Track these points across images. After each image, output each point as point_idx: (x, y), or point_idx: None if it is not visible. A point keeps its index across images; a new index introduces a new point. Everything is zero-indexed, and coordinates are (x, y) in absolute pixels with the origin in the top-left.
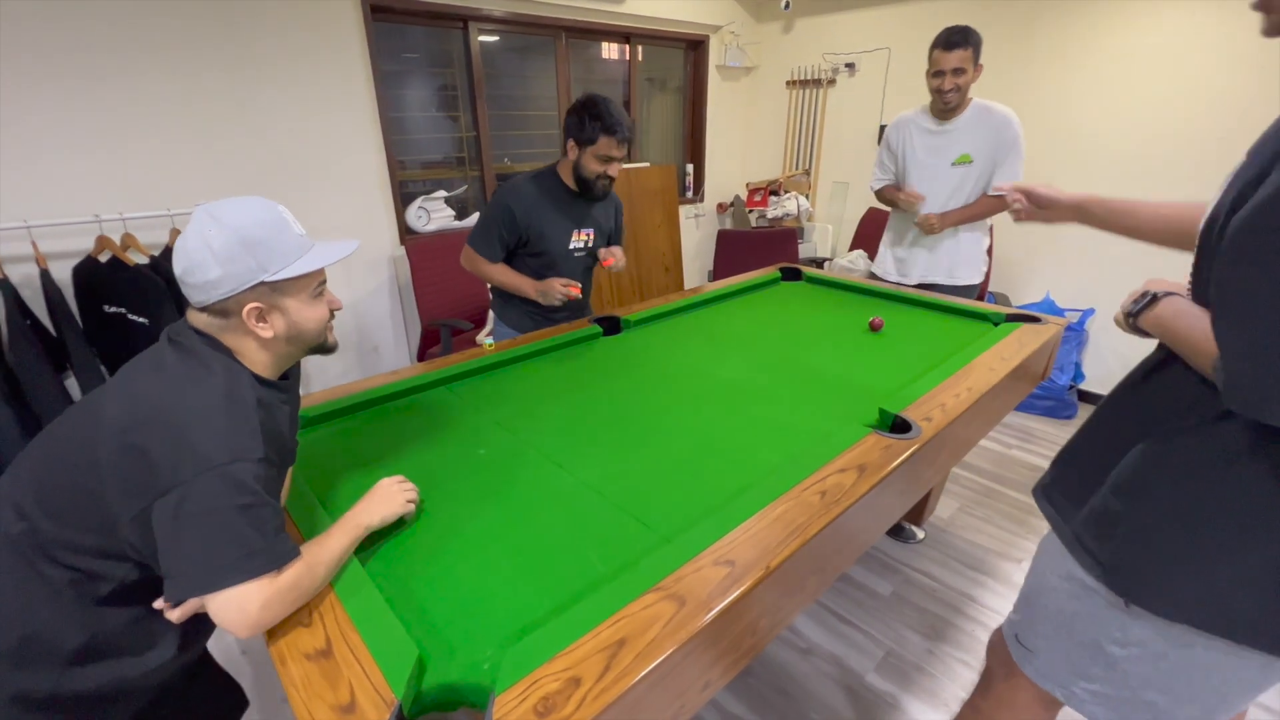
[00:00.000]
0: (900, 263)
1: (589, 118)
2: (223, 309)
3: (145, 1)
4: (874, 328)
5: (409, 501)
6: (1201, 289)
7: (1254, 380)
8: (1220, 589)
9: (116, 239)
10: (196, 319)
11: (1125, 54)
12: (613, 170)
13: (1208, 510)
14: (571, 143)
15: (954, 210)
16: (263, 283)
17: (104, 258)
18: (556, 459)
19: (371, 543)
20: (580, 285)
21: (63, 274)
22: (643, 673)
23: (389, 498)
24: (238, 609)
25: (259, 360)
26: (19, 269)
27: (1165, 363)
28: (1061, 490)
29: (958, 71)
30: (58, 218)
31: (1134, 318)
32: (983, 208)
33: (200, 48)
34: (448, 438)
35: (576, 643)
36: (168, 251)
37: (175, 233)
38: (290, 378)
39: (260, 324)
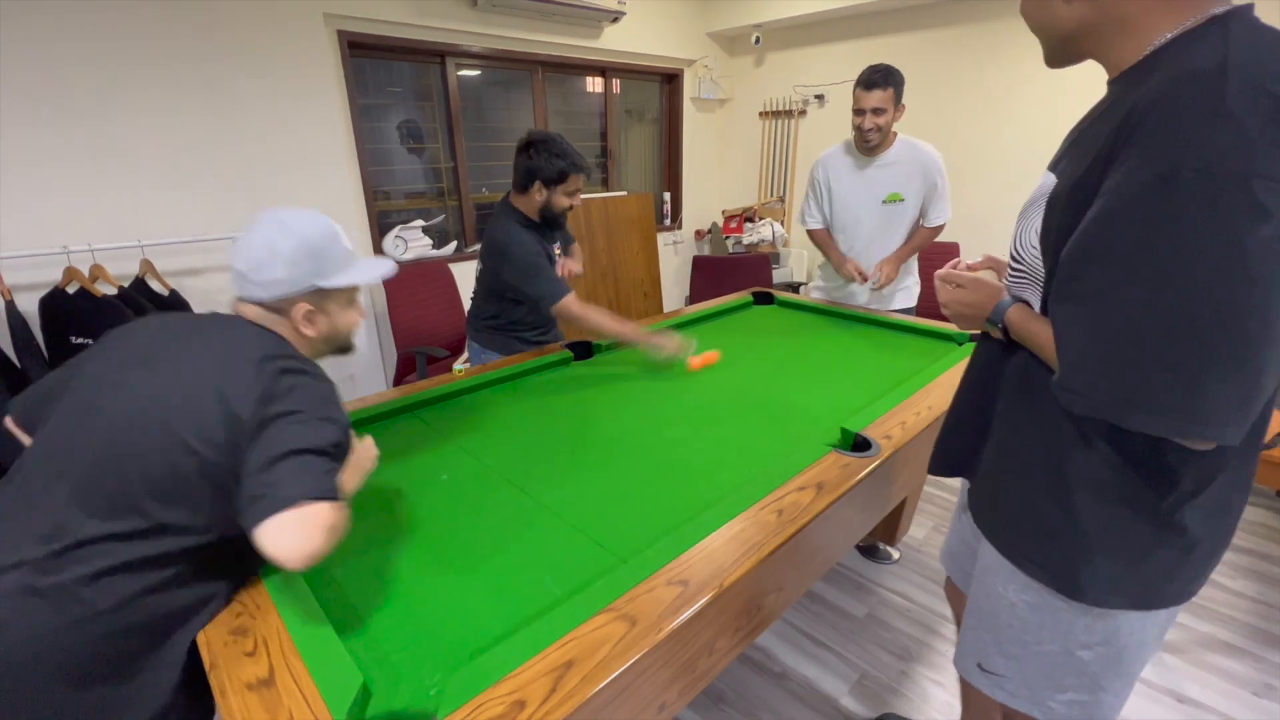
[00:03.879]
0: (835, 294)
1: (553, 157)
2: (278, 306)
3: (118, 32)
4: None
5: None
6: (1049, 258)
7: (1098, 380)
8: (1142, 567)
9: (85, 270)
10: (246, 310)
11: (1085, 86)
12: (577, 201)
13: (1117, 495)
14: (539, 184)
15: (898, 251)
16: (317, 288)
17: (72, 289)
18: (518, 483)
19: (324, 569)
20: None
21: (29, 306)
22: (590, 694)
23: (365, 450)
24: (314, 524)
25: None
26: None
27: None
28: (982, 505)
29: (877, 111)
30: (25, 249)
31: (999, 325)
32: (920, 240)
33: (175, 82)
34: (411, 464)
35: (524, 665)
36: (139, 282)
37: (146, 263)
38: None
39: (306, 323)
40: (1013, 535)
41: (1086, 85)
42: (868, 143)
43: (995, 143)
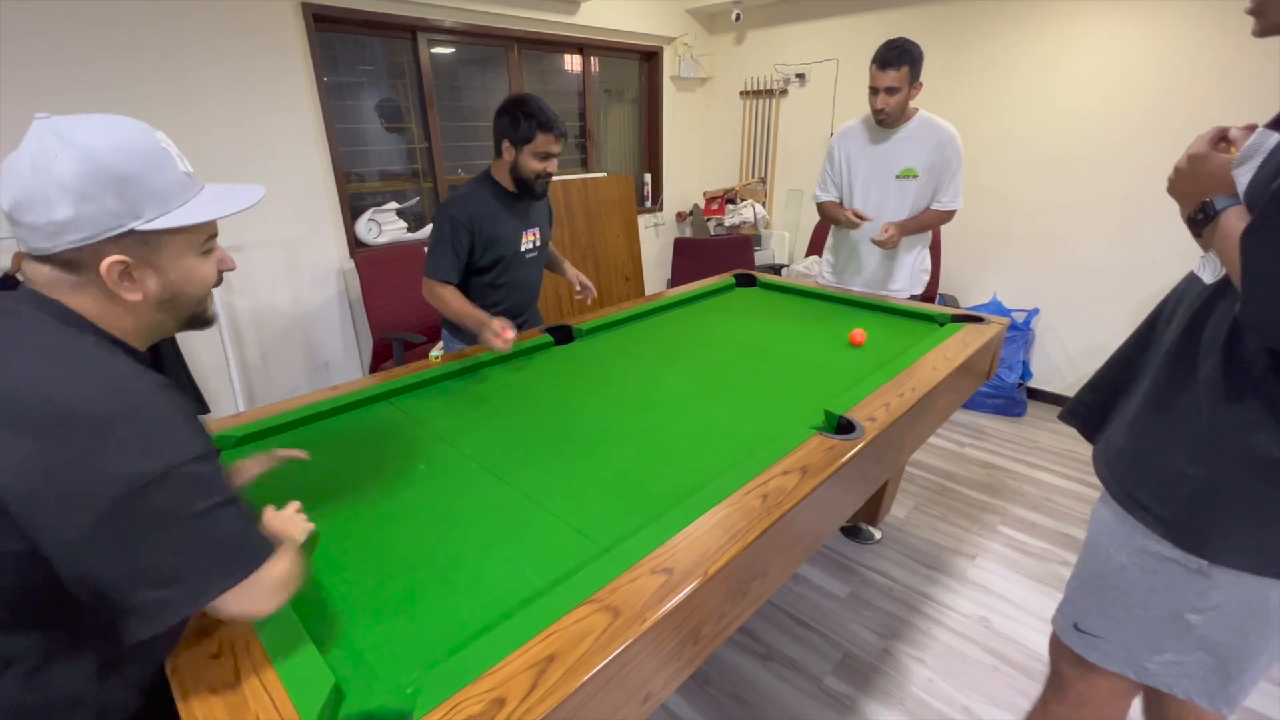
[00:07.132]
0: (839, 273)
1: (522, 116)
2: (72, 260)
3: (68, 6)
4: (855, 342)
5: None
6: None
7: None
8: (1275, 530)
9: None
10: (36, 275)
11: (1056, 64)
12: (551, 167)
13: (1271, 453)
14: (507, 144)
15: (907, 220)
16: (133, 231)
17: (21, 275)
18: (497, 471)
19: None
20: (513, 335)
21: None
22: (572, 689)
23: (290, 523)
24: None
25: (122, 329)
26: None
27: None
28: (1109, 456)
29: (891, 90)
30: None
31: (1197, 224)
32: (930, 219)
33: (128, 59)
34: (386, 454)
35: (504, 661)
36: None
37: None
38: (163, 353)
39: (125, 283)
40: (1138, 487)
41: (1069, 65)
42: (881, 121)
43: (979, 119)
